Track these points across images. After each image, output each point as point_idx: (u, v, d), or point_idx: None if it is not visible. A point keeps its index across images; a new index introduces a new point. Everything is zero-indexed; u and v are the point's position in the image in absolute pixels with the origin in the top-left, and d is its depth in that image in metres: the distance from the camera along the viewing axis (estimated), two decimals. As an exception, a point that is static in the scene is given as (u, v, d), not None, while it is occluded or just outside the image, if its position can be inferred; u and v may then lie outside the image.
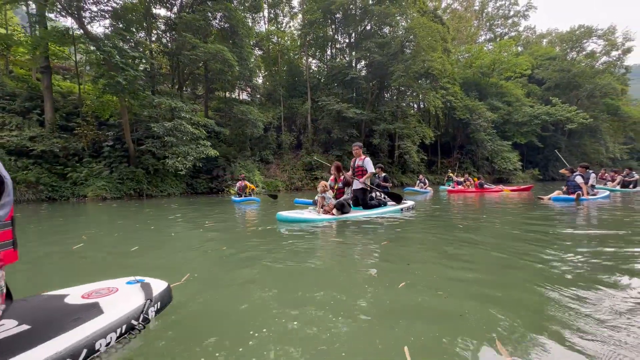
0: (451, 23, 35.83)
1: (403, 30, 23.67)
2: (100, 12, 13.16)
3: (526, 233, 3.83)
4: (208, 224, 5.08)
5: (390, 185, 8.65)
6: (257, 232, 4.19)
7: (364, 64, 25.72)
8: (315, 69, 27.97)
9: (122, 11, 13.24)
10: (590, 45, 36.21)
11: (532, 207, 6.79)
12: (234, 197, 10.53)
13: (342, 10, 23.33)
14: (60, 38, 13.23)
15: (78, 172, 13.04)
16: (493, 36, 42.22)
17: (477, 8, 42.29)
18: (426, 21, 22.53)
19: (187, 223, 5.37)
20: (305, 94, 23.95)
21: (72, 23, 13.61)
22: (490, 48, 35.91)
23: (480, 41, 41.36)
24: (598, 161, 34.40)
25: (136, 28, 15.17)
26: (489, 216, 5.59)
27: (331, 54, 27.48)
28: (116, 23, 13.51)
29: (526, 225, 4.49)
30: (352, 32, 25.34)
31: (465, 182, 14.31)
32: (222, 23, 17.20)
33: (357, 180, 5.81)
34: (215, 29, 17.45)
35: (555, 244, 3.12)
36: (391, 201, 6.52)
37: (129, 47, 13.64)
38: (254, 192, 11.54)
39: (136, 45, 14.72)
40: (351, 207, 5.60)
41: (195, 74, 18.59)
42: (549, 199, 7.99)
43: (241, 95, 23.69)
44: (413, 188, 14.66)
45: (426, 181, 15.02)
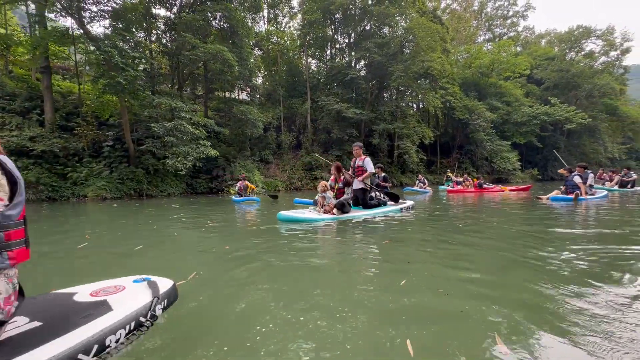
0: (450, 23, 35.86)
1: (402, 30, 23.68)
2: (100, 12, 13.16)
3: (525, 232, 3.87)
4: (210, 224, 5.11)
5: (389, 185, 8.69)
6: (259, 232, 4.23)
7: (364, 64, 25.71)
8: (314, 69, 27.95)
9: (122, 11, 13.24)
10: (589, 45, 36.30)
11: (531, 207, 6.84)
12: (234, 197, 10.55)
13: (342, 10, 23.30)
14: (60, 38, 13.22)
15: (78, 172, 13.04)
16: (492, 36, 42.30)
17: (476, 8, 42.35)
18: (425, 21, 22.55)
19: (189, 223, 5.40)
20: (304, 94, 23.94)
21: (72, 23, 13.62)
22: (489, 48, 35.94)
23: (479, 41, 41.41)
24: (597, 161, 34.46)
25: (136, 28, 15.16)
26: (488, 216, 5.64)
27: (331, 54, 27.45)
28: (116, 23, 13.50)
29: (525, 224, 4.54)
30: (352, 32, 25.32)
31: (464, 182, 14.38)
32: (222, 23, 17.19)
33: (357, 179, 5.86)
34: (214, 29, 17.44)
35: (553, 244, 3.16)
36: (390, 201, 6.59)
37: (129, 47, 13.63)
38: (254, 192, 11.56)
39: (136, 45, 14.71)
40: (351, 207, 5.63)
41: (194, 74, 18.57)
42: (548, 199, 8.04)
43: (241, 95, 23.66)
44: (412, 188, 14.69)
45: (425, 181, 15.06)
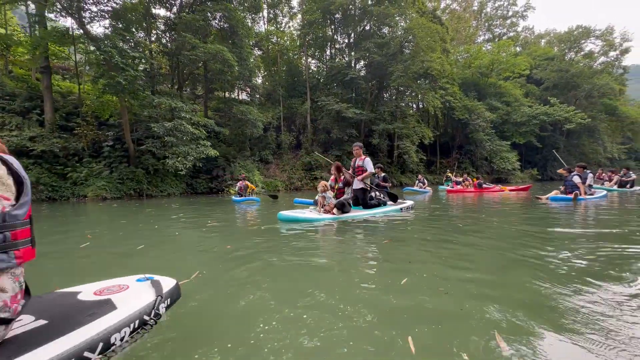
0: (450, 23, 35.91)
1: (402, 30, 23.71)
2: (100, 12, 13.17)
3: (524, 232, 3.89)
4: (210, 224, 5.12)
5: (389, 185, 8.71)
6: (260, 232, 4.24)
7: (363, 64, 25.75)
8: (314, 69, 27.98)
9: (122, 11, 13.25)
10: (588, 45, 36.41)
11: (530, 207, 6.87)
12: (235, 197, 10.56)
13: (342, 10, 23.34)
14: (60, 38, 13.23)
15: (78, 172, 13.06)
16: (492, 36, 42.38)
17: (476, 8, 42.42)
18: (425, 22, 22.59)
19: (190, 223, 5.42)
20: (304, 94, 23.96)
21: (72, 23, 13.62)
22: (488, 48, 36.01)
23: (478, 41, 41.50)
24: (596, 161, 34.53)
25: (136, 28, 15.17)
26: (488, 216, 5.66)
27: (330, 54, 27.48)
28: (116, 23, 13.51)
29: (524, 224, 4.56)
30: (352, 33, 25.34)
31: (464, 182, 14.42)
32: (222, 23, 17.21)
33: (357, 179, 5.89)
34: (214, 29, 17.46)
35: (553, 243, 3.18)
36: (390, 201, 6.63)
37: (129, 47, 13.64)
38: (254, 193, 11.58)
39: (136, 45, 14.72)
40: (351, 207, 5.65)
41: (194, 74, 18.59)
42: (547, 199, 8.06)
43: (240, 95, 23.68)
44: (412, 188, 14.73)
45: (425, 181, 15.09)
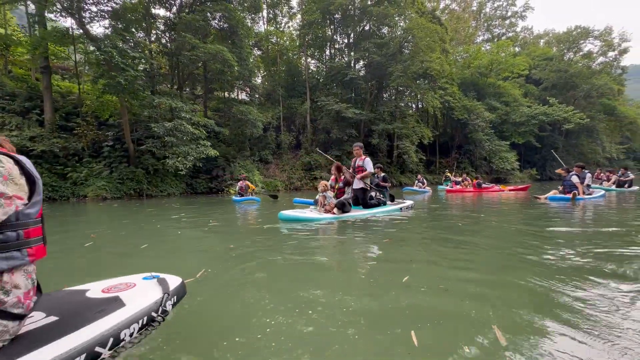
0: (449, 24, 35.95)
1: (401, 30, 23.76)
2: (99, 12, 13.17)
3: (523, 231, 3.94)
4: (212, 223, 5.15)
5: (389, 185, 8.74)
6: (261, 231, 4.28)
7: (363, 64, 25.77)
8: (314, 69, 27.99)
9: (122, 11, 13.24)
10: (587, 45, 36.51)
11: (529, 207, 6.91)
12: (235, 197, 10.60)
13: (341, 10, 23.35)
14: (60, 38, 13.22)
15: (78, 172, 13.06)
16: (491, 37, 42.47)
17: (475, 9, 42.50)
18: (424, 22, 22.63)
19: (191, 222, 5.45)
20: (304, 94, 23.98)
21: (72, 23, 13.62)
22: (488, 48, 36.11)
23: (478, 41, 41.58)
24: (595, 161, 34.66)
25: (135, 28, 15.17)
26: (487, 215, 5.70)
27: (330, 54, 27.51)
28: (116, 23, 13.51)
29: (523, 224, 4.60)
30: (351, 33, 25.37)
31: (463, 182, 14.50)
32: (222, 23, 17.23)
33: (356, 177, 5.93)
34: (214, 29, 17.47)
35: (551, 242, 3.22)
36: (395, 199, 6.72)
37: (129, 48, 13.65)
38: (254, 192, 11.61)
39: (135, 45, 14.72)
40: (351, 207, 5.69)
41: (194, 74, 18.60)
42: (546, 199, 8.11)
43: (240, 95, 23.69)
44: (412, 188, 14.80)
45: (424, 181, 15.14)
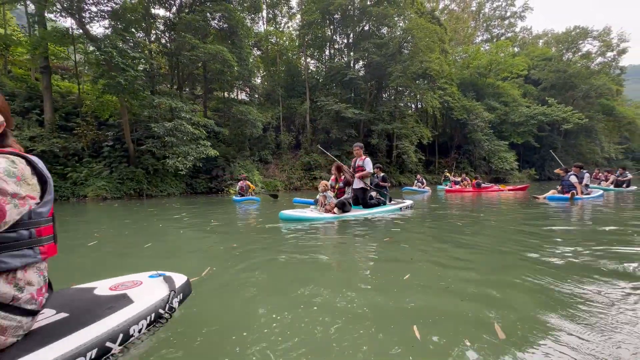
0: (448, 24, 36.02)
1: (401, 31, 23.79)
2: (99, 12, 13.17)
3: (522, 231, 3.98)
4: (214, 223, 5.19)
5: (388, 185, 8.79)
6: (262, 230, 4.31)
7: (362, 65, 25.82)
8: (313, 69, 28.02)
9: (122, 11, 13.25)
10: (585, 46, 36.57)
11: (528, 206, 6.96)
12: (235, 197, 10.63)
13: (341, 10, 23.38)
14: (60, 38, 13.23)
15: (78, 172, 13.07)
16: (490, 37, 42.54)
17: (474, 9, 42.59)
18: (424, 22, 22.69)
19: (193, 222, 5.48)
20: (303, 94, 24.02)
21: (72, 23, 13.62)
22: (487, 49, 36.18)
23: (477, 42, 41.66)
24: (593, 161, 34.76)
25: (135, 28, 15.17)
26: (486, 215, 5.75)
27: (329, 55, 27.54)
28: (115, 23, 13.52)
29: (522, 223, 4.64)
30: (351, 33, 25.41)
31: (462, 182, 14.56)
32: (221, 23, 17.24)
33: (355, 176, 5.97)
34: (214, 30, 17.48)
35: (550, 241, 3.26)
36: (392, 200, 6.76)
37: (129, 48, 13.66)
38: (254, 192, 11.65)
39: (135, 45, 14.73)
40: (352, 206, 5.73)
41: (194, 74, 18.61)
42: (544, 198, 8.17)
43: (240, 95, 23.70)
44: (411, 187, 14.85)
45: (424, 181, 15.19)
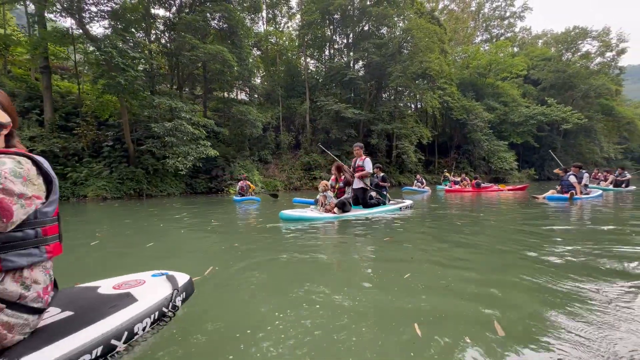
0: (448, 24, 36.08)
1: (401, 31, 23.82)
2: (99, 13, 13.18)
3: (521, 230, 4.00)
4: (214, 223, 5.20)
5: (388, 185, 8.81)
6: (263, 230, 4.33)
7: (362, 65, 25.85)
8: (313, 70, 28.04)
9: (122, 11, 13.25)
10: (585, 46, 36.63)
11: (527, 206, 6.99)
12: (235, 197, 10.65)
13: (340, 11, 23.40)
14: (60, 38, 13.23)
15: (78, 172, 13.07)
16: (489, 37, 42.58)
17: (474, 9, 42.64)
18: (423, 22, 22.73)
19: (194, 222, 5.50)
20: (303, 94, 24.03)
21: (72, 23, 13.62)
22: (486, 49, 36.24)
23: (476, 42, 41.71)
24: (593, 161, 34.81)
25: (135, 28, 15.17)
26: (486, 215, 5.77)
27: (329, 55, 27.57)
28: (115, 23, 13.52)
29: (522, 223, 4.67)
30: (350, 33, 25.43)
31: (462, 182, 14.60)
32: (221, 23, 17.24)
33: (355, 175, 6.00)
34: (213, 30, 17.49)
35: (549, 240, 3.29)
36: (390, 200, 6.77)
37: (129, 48, 13.66)
38: (254, 192, 11.67)
39: (135, 45, 14.73)
40: (352, 206, 5.75)
41: (194, 74, 18.62)
42: (544, 198, 8.20)
43: (239, 95, 23.71)
44: (411, 187, 14.88)
45: (423, 181, 15.22)
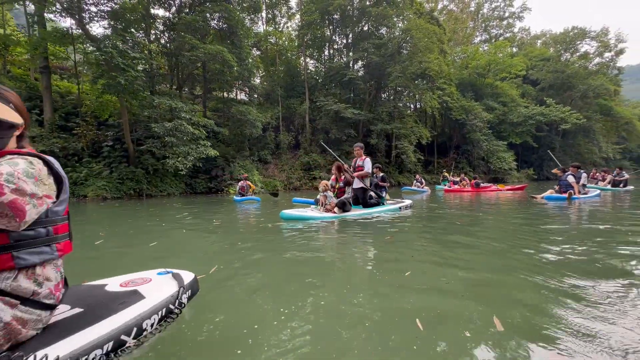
0: (447, 24, 36.12)
1: (400, 31, 23.86)
2: (99, 13, 13.18)
3: (520, 229, 4.05)
4: (216, 223, 5.23)
5: (387, 184, 8.86)
6: (264, 230, 4.36)
7: (362, 65, 25.88)
8: (313, 70, 28.05)
9: (122, 11, 13.25)
10: (583, 46, 36.76)
11: (526, 206, 7.04)
12: (235, 197, 10.69)
13: (340, 11, 23.42)
14: (60, 38, 13.23)
15: (78, 172, 13.07)
16: (488, 37, 42.65)
17: (473, 9, 42.72)
18: (423, 23, 22.77)
19: (195, 221, 5.53)
20: (303, 94, 24.06)
21: (72, 23, 13.62)
22: (485, 49, 36.32)
23: (475, 42, 41.78)
24: (591, 161, 34.93)
25: (135, 28, 15.17)
26: (485, 214, 5.82)
27: (329, 55, 27.59)
28: (115, 23, 13.52)
29: (521, 222, 4.71)
30: (350, 33, 25.46)
31: (461, 182, 14.65)
32: (221, 24, 17.25)
33: (354, 174, 6.03)
34: (213, 30, 17.50)
35: (547, 240, 3.33)
36: (390, 200, 6.81)
37: (129, 48, 13.66)
38: (254, 192, 11.69)
39: (135, 45, 14.74)
40: (352, 206, 5.79)
41: (193, 75, 18.62)
42: (542, 198, 8.25)
43: (239, 95, 23.71)
44: (410, 187, 14.93)
45: (423, 181, 15.27)
